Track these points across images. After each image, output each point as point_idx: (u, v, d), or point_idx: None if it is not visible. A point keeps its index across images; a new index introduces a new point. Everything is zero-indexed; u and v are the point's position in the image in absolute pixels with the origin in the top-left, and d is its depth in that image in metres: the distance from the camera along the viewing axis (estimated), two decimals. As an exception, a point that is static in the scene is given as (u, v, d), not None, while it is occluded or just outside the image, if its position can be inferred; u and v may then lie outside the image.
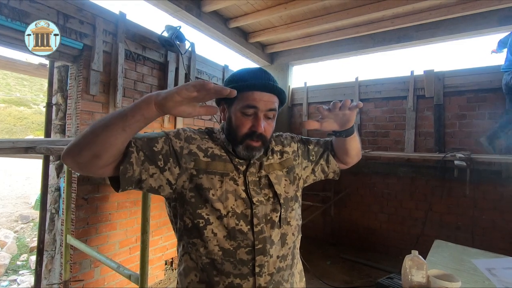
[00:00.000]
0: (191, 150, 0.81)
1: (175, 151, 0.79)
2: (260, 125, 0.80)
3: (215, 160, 0.82)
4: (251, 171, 0.85)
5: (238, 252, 0.77)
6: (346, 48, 4.15)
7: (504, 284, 1.29)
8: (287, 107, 4.68)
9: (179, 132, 0.83)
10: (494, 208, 3.20)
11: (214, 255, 0.77)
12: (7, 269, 3.56)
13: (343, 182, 4.17)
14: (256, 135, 0.80)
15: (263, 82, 0.83)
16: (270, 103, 0.83)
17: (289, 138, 1.02)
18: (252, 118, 0.81)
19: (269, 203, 0.83)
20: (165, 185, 0.77)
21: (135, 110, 0.63)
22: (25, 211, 5.36)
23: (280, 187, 0.87)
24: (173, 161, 0.78)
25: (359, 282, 3.02)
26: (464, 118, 3.43)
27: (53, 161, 2.42)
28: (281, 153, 0.95)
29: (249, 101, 0.80)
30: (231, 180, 0.81)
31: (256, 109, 0.80)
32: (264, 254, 0.78)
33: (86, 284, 2.28)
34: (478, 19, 3.28)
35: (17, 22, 1.90)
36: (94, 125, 0.64)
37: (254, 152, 0.82)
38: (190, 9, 3.16)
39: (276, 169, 0.90)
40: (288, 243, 0.86)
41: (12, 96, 13.31)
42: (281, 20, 3.76)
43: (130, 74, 2.64)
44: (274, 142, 0.97)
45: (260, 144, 0.82)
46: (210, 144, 0.85)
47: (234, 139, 0.83)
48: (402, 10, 3.30)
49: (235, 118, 0.83)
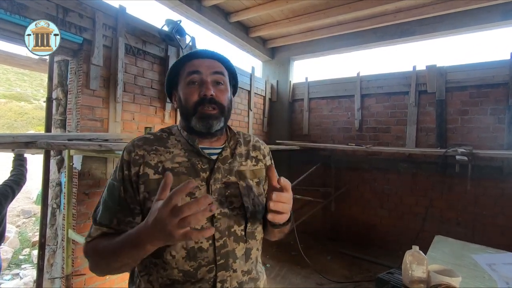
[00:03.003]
0: (139, 173, 0.73)
1: (132, 183, 0.73)
2: (209, 87, 0.76)
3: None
4: (215, 178, 0.76)
5: (199, 272, 0.72)
6: (348, 42, 4.12)
7: (504, 279, 1.29)
8: (288, 102, 4.66)
9: (123, 162, 0.75)
10: (495, 204, 3.20)
11: (174, 277, 0.72)
12: (9, 263, 3.60)
13: (344, 177, 4.17)
14: (207, 100, 0.75)
15: (200, 50, 0.80)
16: (214, 67, 0.79)
17: (266, 151, 0.94)
18: (198, 85, 0.77)
19: (233, 214, 0.76)
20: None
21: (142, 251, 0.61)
22: (26, 206, 5.39)
23: (248, 199, 0.79)
24: (134, 194, 0.73)
25: (359, 277, 3.03)
26: (466, 114, 3.41)
27: (54, 156, 2.42)
28: (256, 160, 0.88)
29: (190, 68, 0.78)
30: (188, 196, 0.72)
31: (200, 73, 0.77)
32: (226, 269, 0.74)
33: (88, 278, 2.30)
34: (481, 13, 3.24)
35: (16, 15, 1.88)
36: (109, 264, 0.69)
37: (210, 120, 0.76)
38: (191, 3, 3.13)
39: (248, 177, 0.83)
40: (252, 258, 0.80)
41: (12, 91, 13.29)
42: (282, 14, 3.72)
43: (130, 68, 2.62)
44: (252, 147, 0.90)
45: (216, 111, 0.77)
46: (163, 152, 0.76)
47: (187, 114, 0.78)
48: (405, 4, 3.27)
49: (183, 92, 0.79)
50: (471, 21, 3.32)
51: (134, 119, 2.66)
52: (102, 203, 0.76)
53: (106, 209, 0.74)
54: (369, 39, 3.96)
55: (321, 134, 4.44)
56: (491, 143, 3.24)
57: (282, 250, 3.64)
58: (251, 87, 4.20)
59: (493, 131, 3.25)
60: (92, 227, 0.75)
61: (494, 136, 3.24)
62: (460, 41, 19.76)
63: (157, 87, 2.86)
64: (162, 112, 2.92)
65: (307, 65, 6.34)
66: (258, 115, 4.48)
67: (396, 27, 3.74)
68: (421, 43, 4.08)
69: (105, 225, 0.72)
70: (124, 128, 2.56)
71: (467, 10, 3.23)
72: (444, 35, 3.61)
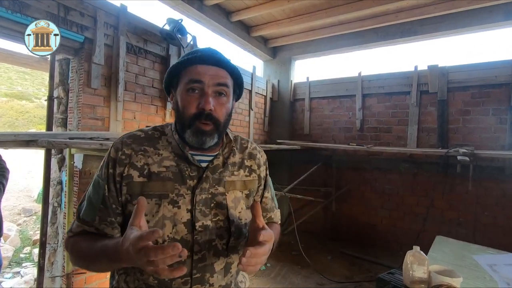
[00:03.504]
0: (123, 173, 0.71)
1: (115, 183, 0.71)
2: (208, 101, 0.70)
3: (151, 179, 0.71)
4: (202, 187, 0.73)
5: (174, 283, 0.70)
6: (349, 42, 4.11)
7: (505, 280, 1.29)
8: (289, 101, 4.65)
9: (109, 159, 0.73)
10: (496, 204, 3.19)
11: (149, 282, 0.71)
12: (10, 261, 3.60)
13: (345, 177, 4.16)
14: (204, 115, 0.70)
15: (206, 54, 0.73)
16: (218, 77, 0.73)
17: (262, 160, 0.89)
18: (198, 95, 0.71)
19: (216, 228, 0.73)
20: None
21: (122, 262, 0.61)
22: (27, 204, 5.40)
23: (235, 212, 0.76)
24: (116, 194, 0.72)
25: (360, 277, 3.03)
26: (468, 114, 3.40)
27: (55, 154, 2.42)
28: (250, 171, 0.84)
29: (193, 75, 0.71)
30: (171, 204, 0.70)
31: (202, 83, 0.71)
32: (203, 283, 0.72)
33: (88, 276, 2.30)
34: (483, 13, 3.23)
35: (18, 14, 1.88)
36: (87, 263, 0.72)
37: (204, 137, 0.72)
38: (192, 2, 3.13)
39: (237, 189, 0.79)
40: (232, 272, 0.78)
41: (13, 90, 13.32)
42: (284, 13, 3.72)
43: (131, 67, 2.62)
44: (248, 155, 0.86)
45: (211, 127, 0.72)
46: (151, 154, 0.74)
47: (183, 123, 0.73)
48: (407, 4, 3.26)
49: (181, 98, 0.73)
50: (473, 21, 3.31)
51: (135, 118, 2.66)
52: (86, 199, 0.75)
53: (90, 206, 0.73)
54: (371, 39, 3.95)
55: (322, 134, 4.43)
56: (492, 143, 3.23)
57: (283, 249, 3.64)
58: (252, 87, 4.20)
59: (495, 132, 3.24)
60: (74, 222, 0.75)
61: (495, 136, 3.23)
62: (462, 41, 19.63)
63: (158, 86, 2.86)
64: (163, 111, 2.92)
65: (308, 65, 6.33)
66: (259, 115, 4.48)
67: (398, 27, 3.73)
68: (422, 43, 4.08)
69: (87, 222, 0.72)
70: (125, 127, 2.56)
71: (469, 10, 3.21)
72: (446, 35, 3.60)
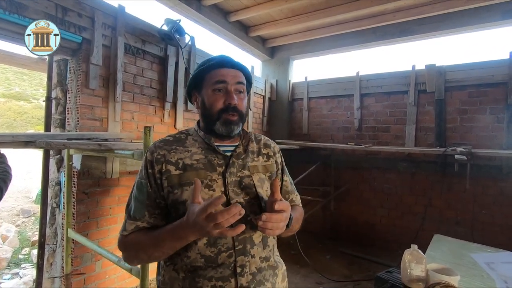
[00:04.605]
0: (162, 170, 0.82)
1: (156, 180, 0.83)
2: (233, 97, 0.85)
3: (186, 170, 0.82)
4: (231, 172, 0.84)
5: (220, 257, 0.78)
6: (347, 42, 4.12)
7: (503, 278, 1.30)
8: (288, 101, 4.66)
9: (147, 162, 0.85)
10: (494, 203, 3.21)
11: (197, 263, 0.78)
12: (9, 262, 3.60)
13: (343, 177, 4.17)
14: (231, 108, 0.84)
15: (226, 59, 0.88)
16: (237, 77, 0.88)
17: (276, 149, 1.02)
18: (223, 93, 0.86)
19: (248, 204, 0.83)
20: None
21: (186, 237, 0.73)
22: (26, 205, 5.38)
23: (262, 190, 0.86)
24: (158, 189, 0.83)
25: (359, 276, 3.04)
26: (465, 113, 3.41)
27: (53, 155, 2.42)
28: (267, 157, 0.96)
29: (218, 77, 0.85)
30: (206, 188, 0.81)
31: (226, 83, 0.85)
32: (245, 254, 0.80)
33: (88, 277, 2.30)
34: (481, 13, 3.24)
35: (15, 15, 1.88)
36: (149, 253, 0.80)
37: (232, 126, 0.85)
38: (190, 2, 3.13)
39: (260, 171, 0.90)
40: (269, 246, 0.88)
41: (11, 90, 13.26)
42: (282, 13, 3.72)
43: (129, 68, 2.62)
44: (263, 145, 0.98)
45: (237, 118, 0.86)
46: (182, 151, 0.86)
47: (211, 118, 0.86)
48: (405, 4, 3.27)
49: (208, 97, 0.87)
50: (470, 21, 3.32)
51: (133, 119, 2.66)
52: (133, 200, 0.85)
53: (138, 204, 0.83)
54: (369, 38, 3.96)
55: (320, 134, 4.44)
56: (490, 142, 3.24)
57: (282, 249, 3.61)
58: (251, 87, 4.20)
59: (492, 131, 3.25)
60: (125, 222, 0.85)
61: (493, 135, 3.24)
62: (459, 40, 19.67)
63: (157, 86, 2.86)
64: (162, 111, 2.92)
65: (306, 65, 6.35)
66: (257, 115, 4.48)
67: (396, 27, 3.74)
68: (420, 43, 4.08)
69: (139, 218, 0.82)
70: (123, 128, 2.56)
71: (466, 9, 3.23)
72: (443, 34, 3.61)
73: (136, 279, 1.67)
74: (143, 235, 0.81)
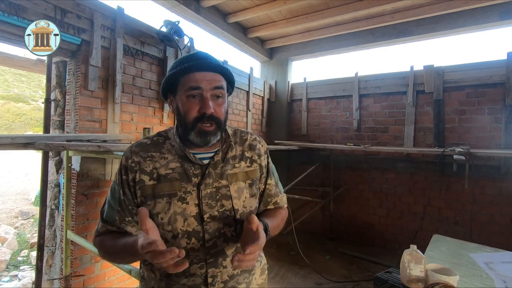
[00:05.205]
0: (136, 179, 0.80)
1: (129, 188, 0.81)
2: (208, 106, 0.77)
3: (160, 181, 0.79)
4: (206, 183, 0.81)
5: (192, 268, 0.78)
6: (346, 43, 4.13)
7: (502, 278, 1.30)
8: (287, 102, 4.67)
9: (121, 167, 0.83)
10: (492, 203, 3.22)
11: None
12: (8, 264, 3.58)
13: (342, 177, 4.18)
14: (207, 117, 0.77)
15: (201, 61, 0.79)
16: (215, 81, 0.79)
17: (263, 150, 0.95)
18: (198, 100, 0.78)
19: (223, 217, 0.80)
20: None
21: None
22: (25, 207, 5.37)
23: (239, 202, 0.83)
24: (132, 197, 0.82)
25: (358, 277, 3.04)
26: (463, 113, 3.43)
27: (52, 157, 2.42)
28: (251, 161, 0.90)
29: (192, 83, 0.77)
30: (179, 201, 0.78)
31: (200, 89, 0.77)
32: (216, 266, 0.80)
33: (87, 279, 2.29)
34: (479, 13, 3.26)
35: (14, 17, 1.88)
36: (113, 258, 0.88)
37: (208, 137, 0.79)
38: (189, 4, 3.14)
39: (240, 179, 0.86)
40: None
41: (10, 92, 13.23)
42: (281, 14, 3.73)
43: (128, 69, 2.62)
44: (248, 146, 0.92)
45: (214, 127, 0.79)
46: (158, 159, 0.82)
47: (186, 127, 0.80)
48: (403, 5, 3.28)
49: (182, 104, 0.80)
50: (468, 21, 3.34)
51: (132, 120, 2.66)
52: (107, 203, 0.86)
53: (109, 208, 0.84)
54: (367, 39, 3.97)
55: (319, 134, 4.45)
56: (488, 142, 3.25)
57: (281, 249, 3.65)
58: (250, 88, 4.21)
59: (490, 131, 3.26)
60: (99, 223, 0.86)
61: (491, 135, 3.25)
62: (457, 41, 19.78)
63: (156, 88, 2.86)
64: (161, 113, 2.92)
65: (305, 66, 6.35)
66: (256, 116, 4.49)
67: (394, 28, 3.75)
68: (418, 43, 4.10)
69: (109, 223, 0.83)
70: (122, 129, 2.56)
71: (464, 10, 3.24)
72: (442, 35, 3.63)
73: (136, 280, 1.66)
74: (110, 240, 0.81)
